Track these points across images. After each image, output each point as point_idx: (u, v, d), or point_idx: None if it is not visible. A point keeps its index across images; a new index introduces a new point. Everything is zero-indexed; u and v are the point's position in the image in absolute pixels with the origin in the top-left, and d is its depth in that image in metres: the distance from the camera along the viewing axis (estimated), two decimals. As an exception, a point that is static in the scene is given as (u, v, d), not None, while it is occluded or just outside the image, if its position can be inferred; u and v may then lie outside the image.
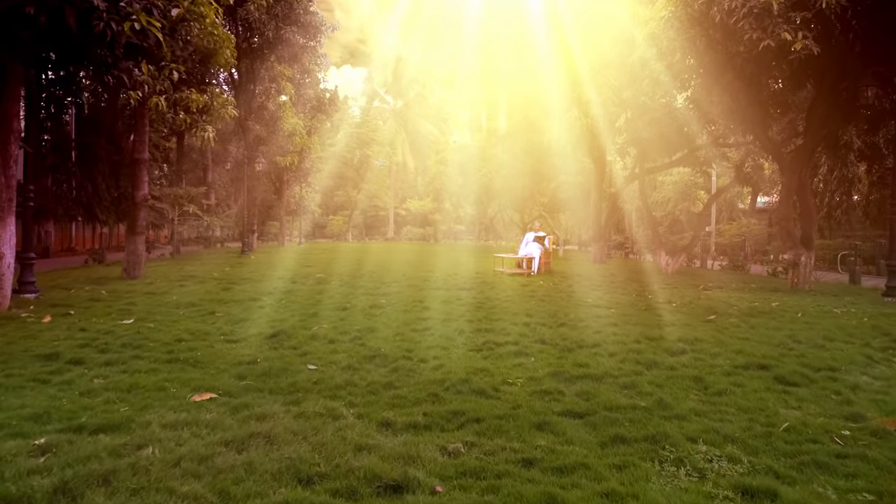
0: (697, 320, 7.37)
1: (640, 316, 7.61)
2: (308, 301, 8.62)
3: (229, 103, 12.82)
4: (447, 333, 6.15)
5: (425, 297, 9.16)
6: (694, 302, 9.11)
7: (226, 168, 26.28)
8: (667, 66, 12.11)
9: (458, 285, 10.93)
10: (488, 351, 5.36)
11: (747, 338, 6.17)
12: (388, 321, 6.92)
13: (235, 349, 5.38)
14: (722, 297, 9.88)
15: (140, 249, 11.46)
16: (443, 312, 7.63)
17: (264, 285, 10.63)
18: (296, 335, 5.98)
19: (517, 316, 7.40)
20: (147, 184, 11.87)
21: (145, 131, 11.77)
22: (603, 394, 3.91)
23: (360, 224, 49.98)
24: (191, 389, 4.05)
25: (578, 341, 5.72)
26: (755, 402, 3.83)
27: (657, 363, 4.81)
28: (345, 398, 3.87)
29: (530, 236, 14.46)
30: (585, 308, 8.27)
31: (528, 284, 11.26)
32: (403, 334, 6.10)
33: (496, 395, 3.91)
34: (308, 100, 26.07)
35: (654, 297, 9.67)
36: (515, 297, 9.28)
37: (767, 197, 25.05)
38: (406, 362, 4.90)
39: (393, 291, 9.95)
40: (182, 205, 18.13)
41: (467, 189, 30.50)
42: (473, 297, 9.21)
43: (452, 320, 7.06)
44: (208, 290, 9.75)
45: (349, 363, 4.85)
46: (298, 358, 5.05)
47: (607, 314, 7.71)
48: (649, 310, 8.23)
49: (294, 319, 6.98)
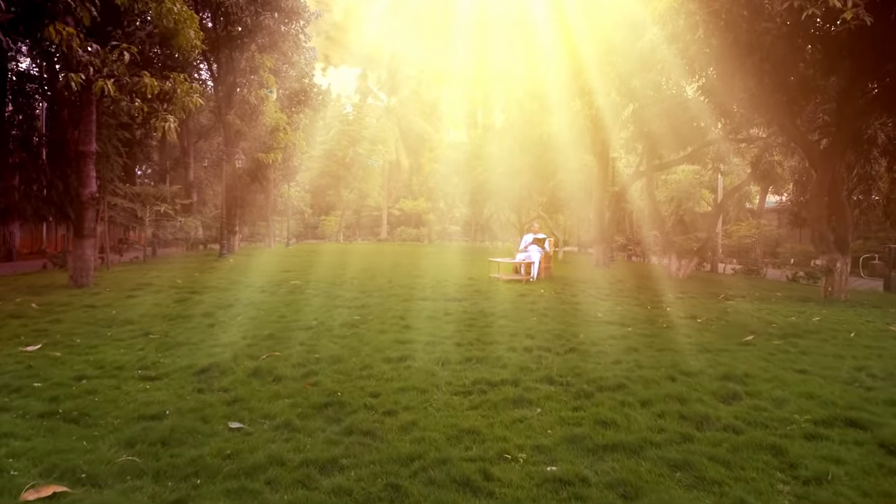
0: (733, 342, 6.10)
1: (664, 337, 6.33)
2: (270, 317, 7.31)
3: (195, 91, 11.44)
4: (428, 366, 4.85)
5: (409, 311, 7.86)
6: (721, 317, 7.84)
7: (203, 165, 24.84)
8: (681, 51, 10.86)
9: (447, 295, 9.63)
10: (479, 395, 4.07)
11: (805, 370, 4.90)
12: (358, 346, 5.62)
13: (146, 393, 4.07)
14: (749, 310, 8.61)
15: (87, 255, 10.13)
16: (427, 332, 6.33)
17: (228, 295, 9.31)
18: (234, 369, 4.67)
19: (516, 338, 6.11)
20: (95, 180, 10.53)
21: (91, 120, 10.44)
22: (649, 486, 2.62)
23: (352, 224, 48.64)
24: (39, 472, 2.75)
25: (596, 379, 4.43)
26: (878, 499, 2.55)
27: (709, 418, 3.52)
28: (259, 492, 2.57)
29: (529, 238, 13.17)
30: (596, 326, 6.99)
31: (527, 294, 9.98)
32: (372, 367, 4.80)
33: (487, 486, 2.61)
34: (294, 93, 24.70)
35: (673, 310, 8.40)
36: (513, 311, 7.99)
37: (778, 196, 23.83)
38: (367, 416, 3.61)
39: (373, 303, 8.65)
40: (154, 204, 16.75)
41: (462, 188, 29.23)
42: (464, 311, 7.92)
43: (437, 343, 5.77)
44: (158, 303, 8.43)
45: (288, 418, 3.55)
46: (223, 408, 3.75)
47: (624, 334, 6.43)
48: (672, 328, 6.96)
49: (242, 344, 5.67)
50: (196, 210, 27.92)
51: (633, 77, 13.20)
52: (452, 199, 36.18)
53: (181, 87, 11.42)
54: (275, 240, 33.19)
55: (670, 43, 11.43)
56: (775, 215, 25.71)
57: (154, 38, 11.87)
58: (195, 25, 11.31)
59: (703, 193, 29.12)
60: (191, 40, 11.33)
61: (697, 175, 27.74)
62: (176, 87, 11.41)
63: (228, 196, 21.99)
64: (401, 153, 48.86)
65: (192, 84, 11.58)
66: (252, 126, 20.97)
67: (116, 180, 14.54)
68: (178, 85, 11.43)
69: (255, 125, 20.85)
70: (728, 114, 13.53)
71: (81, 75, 9.14)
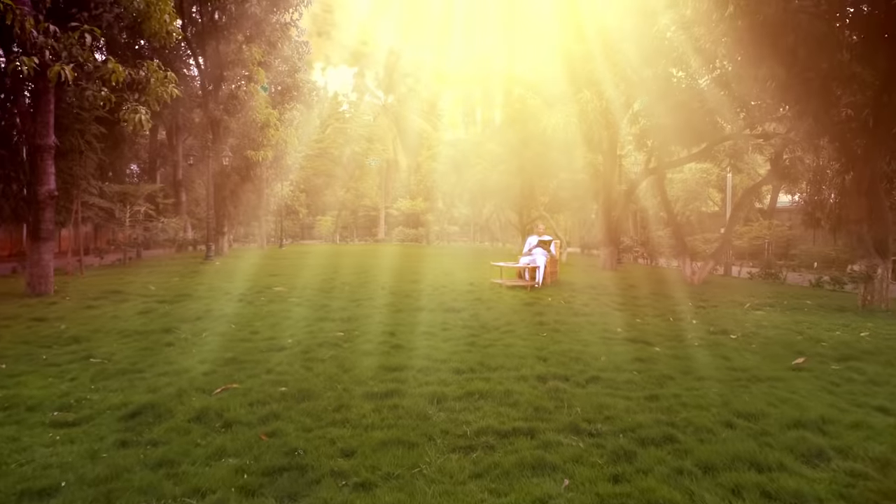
0: (783, 367, 5.15)
1: (700, 359, 5.38)
2: (240, 333, 6.35)
3: (170, 81, 10.48)
4: (419, 405, 3.89)
5: (401, 325, 6.91)
6: (756, 331, 6.88)
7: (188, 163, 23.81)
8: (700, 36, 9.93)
9: (446, 304, 8.67)
10: (485, 453, 3.11)
11: (886, 408, 3.96)
12: (336, 374, 4.65)
13: (50, 449, 3.11)
14: (785, 322, 7.66)
15: (45, 260, 9.16)
16: (420, 354, 5.37)
17: (199, 305, 8.34)
18: (175, 411, 3.71)
19: (525, 361, 5.15)
20: (53, 176, 9.56)
21: (48, 110, 9.48)
22: None
23: (350, 225, 47.60)
24: None
25: (634, 426, 3.47)
26: None
27: (804, 499, 2.56)
28: None
29: (533, 240, 12.19)
30: (617, 344, 6.03)
31: (533, 303, 9.02)
32: (350, 407, 3.84)
33: None
34: (286, 88, 23.71)
35: (700, 323, 7.44)
36: (520, 325, 7.03)
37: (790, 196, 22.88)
38: (332, 492, 2.65)
39: (362, 314, 7.69)
40: (135, 203, 15.76)
41: (460, 187, 28.26)
42: (464, 326, 6.96)
43: (432, 370, 4.81)
44: (119, 315, 7.46)
45: (224, 496, 2.59)
46: (143, 475, 2.78)
47: (651, 355, 5.48)
48: (705, 346, 6.00)
49: (197, 371, 4.71)
50: (186, 210, 26.94)
51: (645, 67, 12.25)
52: (451, 198, 35.22)
53: (155, 75, 10.48)
54: (267, 241, 32.21)
55: (687, 28, 10.51)
56: (786, 215, 24.75)
57: (123, 22, 10.85)
58: (169, 8, 10.34)
59: (710, 193, 28.21)
60: (165, 24, 10.39)
61: (704, 174, 26.84)
62: (149, 75, 10.48)
63: (217, 195, 21.01)
64: (398, 152, 47.82)
65: (167, 73, 10.61)
66: (241, 122, 19.98)
67: (91, 178, 13.52)
68: (152, 73, 10.49)
69: (243, 121, 19.86)
70: (747, 107, 12.60)
71: (35, 59, 8.17)
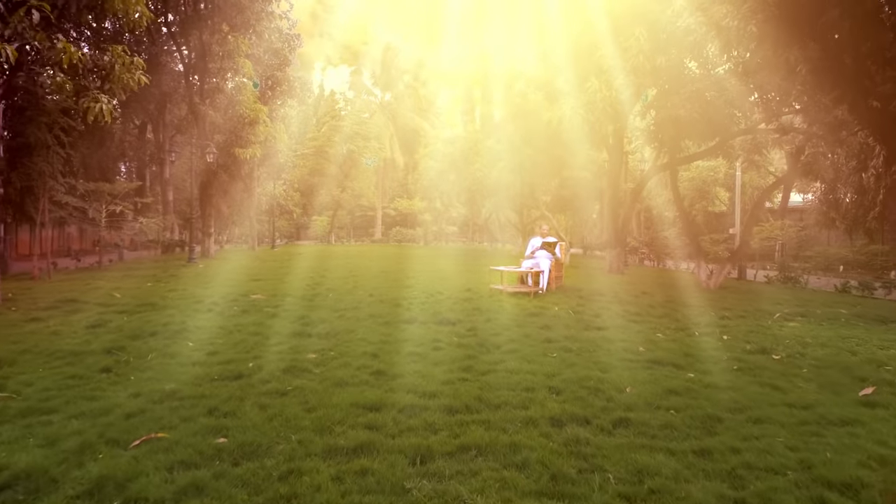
0: (849, 400, 4.19)
1: (747, 391, 4.40)
2: (194, 355, 5.36)
3: (137, 66, 9.47)
4: (396, 470, 2.90)
5: (387, 343, 5.93)
6: (802, 351, 5.90)
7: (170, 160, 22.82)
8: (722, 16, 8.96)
9: (439, 315, 7.68)
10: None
11: None
12: (295, 417, 3.66)
13: None
14: (829, 338, 6.67)
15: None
16: (405, 385, 4.39)
17: (160, 317, 7.34)
18: (63, 480, 2.73)
19: (534, 395, 4.17)
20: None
21: (-9, 96, 8.45)
22: None
23: (346, 225, 46.62)
24: None
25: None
26: None
27: None
28: None
29: (537, 242, 11.19)
30: (642, 368, 5.05)
31: (538, 313, 8.03)
32: (301, 473, 2.85)
33: None
34: (276, 82, 22.71)
35: (732, 340, 6.46)
36: (525, 343, 6.05)
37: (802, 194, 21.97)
38: None
39: (343, 328, 6.70)
40: (111, 203, 14.76)
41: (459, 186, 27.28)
42: (460, 343, 5.97)
43: (417, 409, 3.83)
44: (59, 331, 6.45)
45: None
46: None
47: (687, 385, 4.50)
48: (747, 371, 5.03)
49: (121, 411, 3.73)
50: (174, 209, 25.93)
51: (659, 53, 11.28)
52: (449, 197, 34.24)
53: (120, 60, 9.48)
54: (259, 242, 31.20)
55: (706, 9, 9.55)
56: (797, 215, 23.84)
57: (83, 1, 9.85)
58: (135, -15, 9.35)
59: (718, 192, 27.30)
60: (130, 4, 9.40)
61: (712, 172, 25.92)
62: (114, 60, 9.48)
63: (203, 194, 20.01)
64: (395, 150, 46.87)
65: (134, 58, 9.61)
66: (228, 117, 18.99)
67: (59, 174, 12.51)
68: (117, 58, 9.49)
69: (230, 116, 18.86)
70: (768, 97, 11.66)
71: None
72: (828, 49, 7.84)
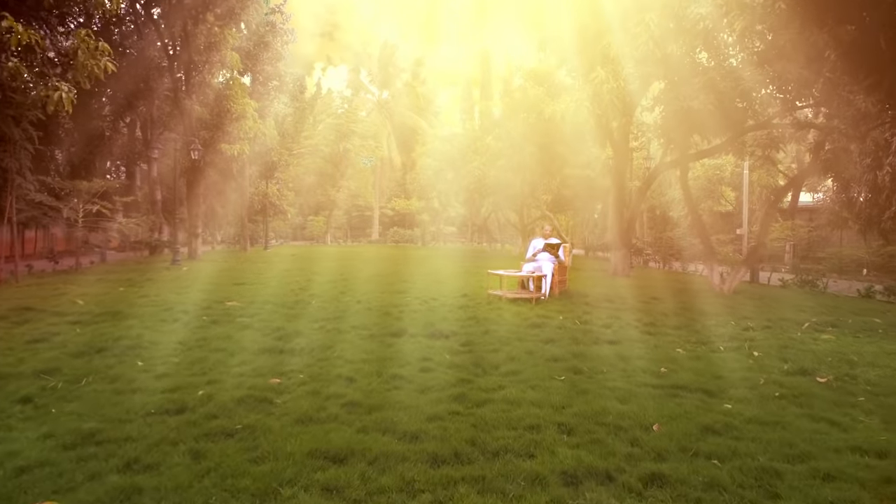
0: (931, 443, 3.38)
1: (799, 428, 3.59)
2: (136, 380, 4.54)
3: (102, 52, 8.65)
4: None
5: (368, 363, 5.12)
6: (851, 372, 5.08)
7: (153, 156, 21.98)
8: None
9: (432, 326, 6.87)
10: None
11: None
12: (233, 472, 2.85)
13: None
14: (877, 355, 5.86)
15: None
16: (381, 423, 3.59)
17: (117, 329, 6.52)
18: None
19: (540, 436, 3.37)
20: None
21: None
22: None
23: (343, 225, 45.75)
24: None
25: None
26: None
27: None
28: None
29: (539, 244, 10.39)
30: (668, 396, 4.25)
31: (541, 323, 7.22)
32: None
33: None
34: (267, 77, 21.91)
35: (764, 357, 5.64)
36: (528, 362, 5.24)
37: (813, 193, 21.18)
38: None
39: (320, 344, 5.89)
40: (87, 202, 13.94)
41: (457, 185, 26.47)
42: (452, 363, 5.17)
43: (392, 462, 3.02)
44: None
45: None
46: None
47: (727, 421, 3.69)
48: (792, 398, 4.23)
49: (15, 463, 2.92)
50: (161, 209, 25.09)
51: (670, 41, 10.50)
52: (447, 197, 33.44)
53: (84, 45, 8.66)
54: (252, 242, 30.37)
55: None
56: (807, 214, 23.05)
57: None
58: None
59: (724, 191, 26.53)
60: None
61: (718, 171, 25.15)
62: (78, 46, 8.67)
63: (189, 193, 19.20)
64: (393, 149, 46.04)
65: (99, 43, 8.79)
66: (215, 112, 18.17)
67: (27, 171, 11.69)
68: (81, 43, 8.67)
69: (217, 111, 18.04)
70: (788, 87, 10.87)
71: None
72: (864, 30, 7.04)
